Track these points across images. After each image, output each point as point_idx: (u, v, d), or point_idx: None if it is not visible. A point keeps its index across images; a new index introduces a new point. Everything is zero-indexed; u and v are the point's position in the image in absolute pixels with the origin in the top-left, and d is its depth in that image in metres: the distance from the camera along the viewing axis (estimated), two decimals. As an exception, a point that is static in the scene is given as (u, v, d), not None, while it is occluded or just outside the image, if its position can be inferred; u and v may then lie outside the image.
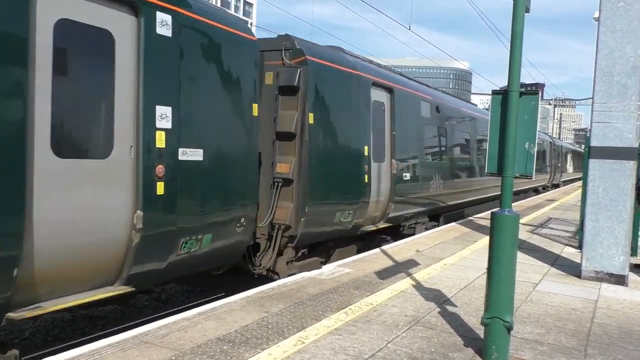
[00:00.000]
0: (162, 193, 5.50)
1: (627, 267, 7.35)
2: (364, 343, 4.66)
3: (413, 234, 11.80)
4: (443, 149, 13.72)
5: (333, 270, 7.44)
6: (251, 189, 6.88)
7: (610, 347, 4.89)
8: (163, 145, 5.51)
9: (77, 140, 4.76)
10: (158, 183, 5.45)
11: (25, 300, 4.55)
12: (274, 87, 8.04)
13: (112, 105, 5.03)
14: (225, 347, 4.41)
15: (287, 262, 8.21)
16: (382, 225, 10.56)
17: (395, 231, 11.57)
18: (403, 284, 6.82)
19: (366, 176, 9.40)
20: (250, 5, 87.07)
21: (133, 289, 5.47)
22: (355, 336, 4.82)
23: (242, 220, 6.67)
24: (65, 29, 4.60)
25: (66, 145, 4.64)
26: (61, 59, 4.57)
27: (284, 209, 7.87)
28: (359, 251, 10.14)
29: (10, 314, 4.47)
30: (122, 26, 5.10)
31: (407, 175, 11.26)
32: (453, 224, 13.23)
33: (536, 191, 30.24)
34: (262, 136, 7.75)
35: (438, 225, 13.90)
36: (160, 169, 5.46)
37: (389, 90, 10.62)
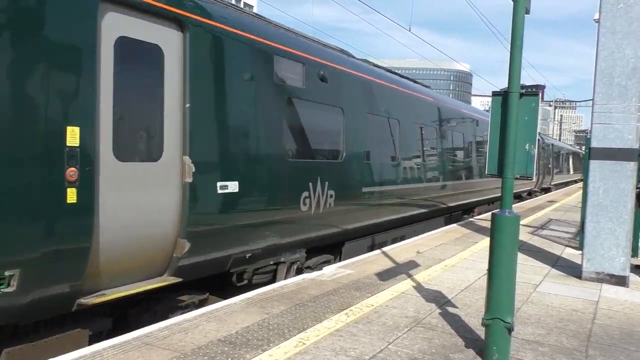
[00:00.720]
0: None
1: (628, 268, 7.36)
2: (364, 344, 4.67)
3: (272, 281, 7.46)
4: (333, 140, 8.57)
5: (334, 271, 7.45)
6: None
7: (611, 348, 4.89)
8: None
9: None
10: None
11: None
12: None
13: None
14: (226, 349, 4.42)
15: None
16: (161, 282, 5.57)
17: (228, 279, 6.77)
18: (404, 285, 6.82)
19: (71, 191, 4.60)
20: (251, 7, 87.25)
21: None
22: (356, 337, 4.83)
23: None
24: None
25: None
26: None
27: None
28: (93, 339, 5.11)
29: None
30: None
31: (232, 186, 6.28)
32: (454, 225, 13.21)
33: (519, 198, 24.85)
34: None
35: (339, 259, 9.21)
36: None
37: (178, 23, 5.71)
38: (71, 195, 4.61)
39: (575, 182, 48.41)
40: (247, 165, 6.61)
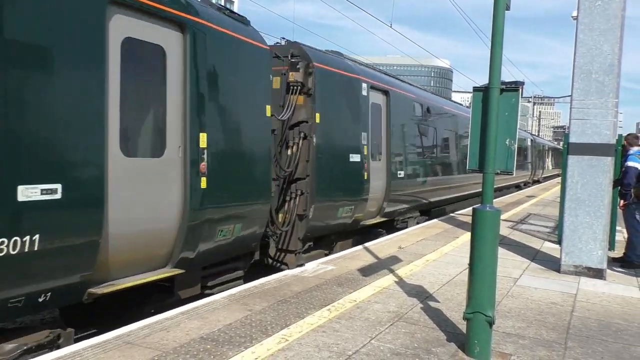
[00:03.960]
0: None
1: (605, 261, 7.48)
2: (347, 340, 4.67)
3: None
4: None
5: (316, 267, 7.44)
6: None
7: (590, 340, 4.97)
8: None
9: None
10: None
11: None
12: None
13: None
14: (208, 346, 4.38)
15: None
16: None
17: None
18: (386, 280, 6.85)
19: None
20: (232, 3, 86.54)
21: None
22: (339, 333, 4.83)
23: None
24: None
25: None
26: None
27: None
28: None
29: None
30: None
31: None
32: (435, 220, 13.31)
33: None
34: None
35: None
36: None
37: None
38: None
39: (516, 186, 29.46)
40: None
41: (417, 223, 13.16)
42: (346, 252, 8.73)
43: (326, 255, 9.19)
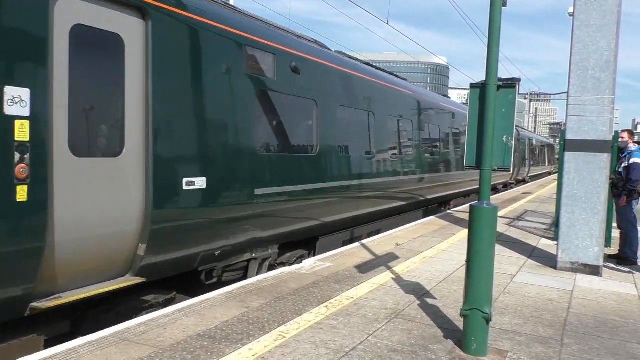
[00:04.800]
0: None
1: (602, 257, 7.50)
2: (344, 337, 4.67)
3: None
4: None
5: (313, 264, 7.44)
6: None
7: (586, 337, 4.99)
8: None
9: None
10: None
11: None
12: None
13: None
14: (205, 343, 4.38)
15: None
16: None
17: None
18: (383, 277, 6.85)
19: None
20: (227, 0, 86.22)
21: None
22: (336, 330, 4.83)
23: None
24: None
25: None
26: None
27: None
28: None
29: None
30: None
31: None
32: (432, 217, 13.31)
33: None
34: None
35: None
36: None
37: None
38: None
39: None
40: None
41: (276, 266, 7.80)
42: (343, 249, 8.73)
43: None
